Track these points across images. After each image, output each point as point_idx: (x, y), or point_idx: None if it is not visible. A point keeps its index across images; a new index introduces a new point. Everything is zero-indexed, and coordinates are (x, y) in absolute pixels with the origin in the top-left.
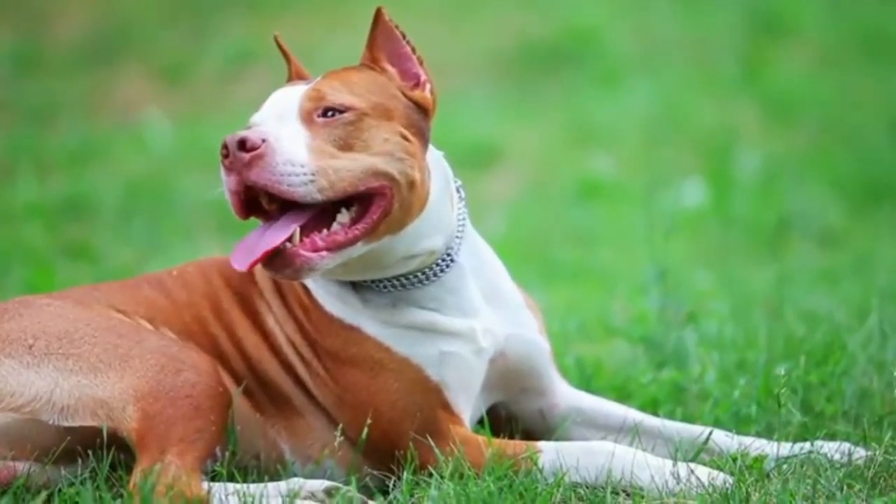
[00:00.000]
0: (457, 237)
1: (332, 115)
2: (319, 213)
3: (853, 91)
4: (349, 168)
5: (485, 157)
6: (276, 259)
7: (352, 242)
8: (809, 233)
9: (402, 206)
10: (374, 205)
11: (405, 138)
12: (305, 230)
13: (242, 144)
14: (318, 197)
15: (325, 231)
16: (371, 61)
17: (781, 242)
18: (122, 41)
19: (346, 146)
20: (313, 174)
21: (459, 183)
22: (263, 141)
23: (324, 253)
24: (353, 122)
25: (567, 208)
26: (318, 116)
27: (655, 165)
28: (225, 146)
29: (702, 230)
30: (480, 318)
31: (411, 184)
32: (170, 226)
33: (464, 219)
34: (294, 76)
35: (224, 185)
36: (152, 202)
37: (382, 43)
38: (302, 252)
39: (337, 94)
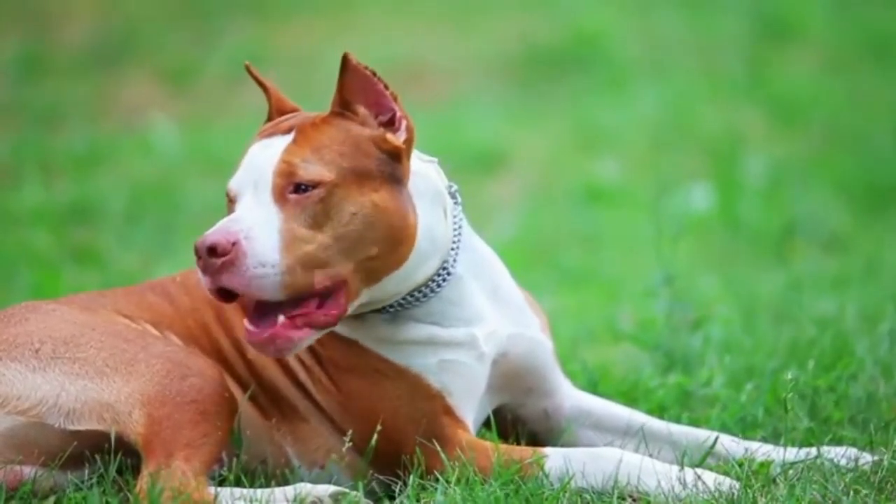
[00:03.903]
0: (452, 249)
1: (304, 190)
2: None
3: (860, 95)
4: (315, 262)
5: (491, 162)
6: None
7: (332, 323)
8: (816, 237)
9: (372, 276)
10: (338, 293)
11: (376, 204)
12: (286, 307)
13: (213, 251)
14: (280, 296)
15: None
16: (342, 106)
17: (788, 247)
18: (128, 45)
19: (315, 224)
20: (283, 273)
21: (455, 188)
22: (234, 244)
23: (305, 330)
24: (323, 199)
25: (574, 213)
26: (290, 193)
27: (662, 170)
28: (196, 249)
29: (709, 235)
30: (483, 323)
31: (381, 255)
32: (176, 230)
33: (459, 227)
34: (274, 108)
35: (201, 280)
36: (159, 206)
37: (352, 87)
38: (283, 333)
39: (307, 168)
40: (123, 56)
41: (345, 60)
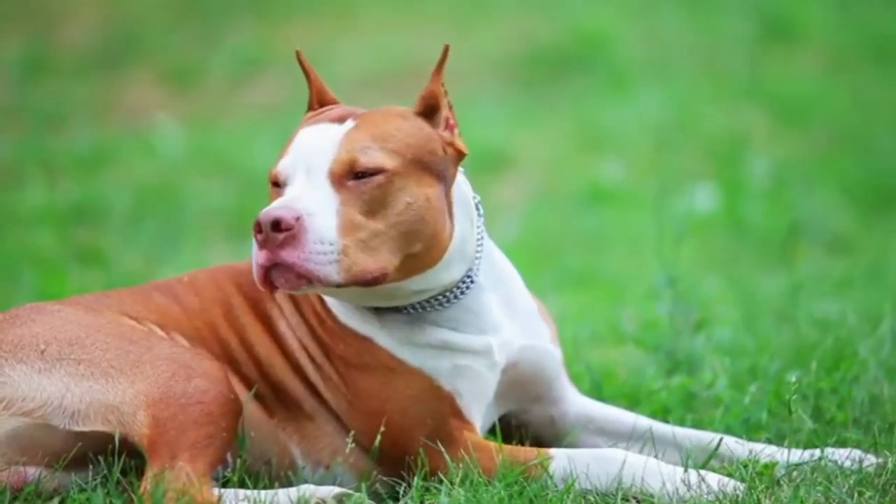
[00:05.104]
0: (476, 258)
1: (363, 177)
2: None
3: (863, 96)
4: (367, 248)
5: (494, 163)
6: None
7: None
8: (820, 239)
9: (406, 270)
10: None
11: (428, 199)
12: None
13: (276, 225)
14: (336, 279)
15: None
16: (430, 100)
17: (792, 248)
18: (132, 46)
19: (370, 212)
20: (339, 253)
21: (478, 199)
22: (297, 219)
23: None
24: (381, 186)
25: (577, 214)
26: (349, 179)
27: (665, 170)
28: (258, 224)
29: (712, 236)
30: (498, 333)
31: (420, 252)
32: (180, 231)
33: (482, 236)
34: (315, 97)
35: (253, 256)
36: (162, 207)
37: (440, 83)
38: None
39: (368, 156)
40: (127, 57)
41: (445, 52)
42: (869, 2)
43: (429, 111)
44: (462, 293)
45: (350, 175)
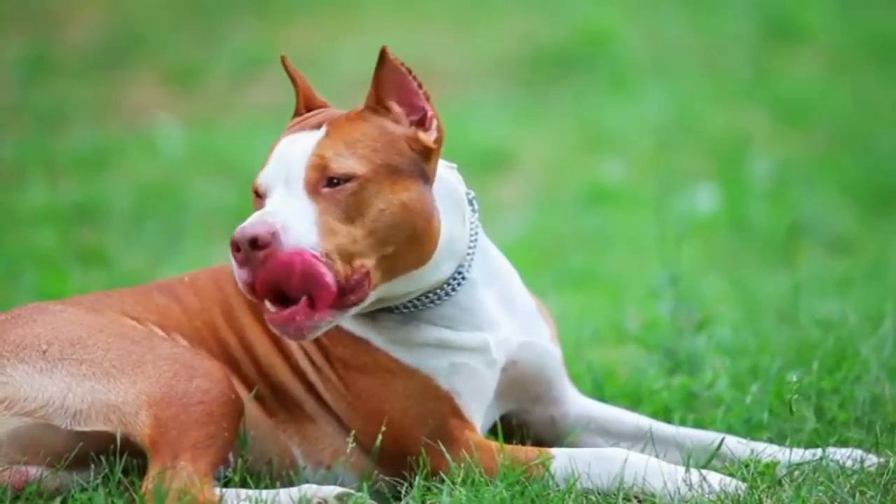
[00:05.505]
0: (468, 254)
1: (337, 184)
2: None
3: (865, 96)
4: (349, 254)
5: (496, 163)
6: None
7: (353, 305)
8: (821, 238)
9: (391, 271)
10: (361, 282)
11: (404, 203)
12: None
13: (254, 243)
14: (330, 281)
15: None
16: (376, 102)
17: (793, 248)
18: (134, 46)
19: (347, 219)
20: (325, 256)
21: (472, 194)
22: (273, 234)
23: (327, 311)
24: (355, 193)
25: (578, 214)
26: (323, 187)
27: (667, 170)
28: (235, 243)
29: (713, 235)
30: (495, 330)
31: (398, 254)
32: (181, 231)
33: (476, 232)
34: (302, 102)
35: (236, 274)
36: (164, 207)
37: (388, 82)
38: (304, 312)
39: (340, 161)
40: (128, 57)
41: (382, 54)
42: (870, 2)
43: (382, 110)
44: (453, 290)
45: (324, 182)
